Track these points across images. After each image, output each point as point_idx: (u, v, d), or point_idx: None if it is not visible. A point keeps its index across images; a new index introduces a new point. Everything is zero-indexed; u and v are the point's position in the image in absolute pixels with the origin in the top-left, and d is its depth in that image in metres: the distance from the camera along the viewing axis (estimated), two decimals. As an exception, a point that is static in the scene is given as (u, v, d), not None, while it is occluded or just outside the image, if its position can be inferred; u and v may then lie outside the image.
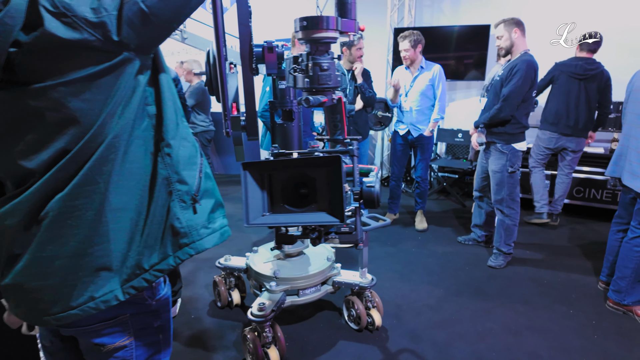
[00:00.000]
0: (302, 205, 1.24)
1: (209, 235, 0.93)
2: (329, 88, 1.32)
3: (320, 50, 1.31)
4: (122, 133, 0.80)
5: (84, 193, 0.79)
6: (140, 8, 0.73)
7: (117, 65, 0.76)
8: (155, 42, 0.83)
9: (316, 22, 1.26)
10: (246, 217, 1.16)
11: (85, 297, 0.84)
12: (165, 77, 0.89)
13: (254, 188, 1.18)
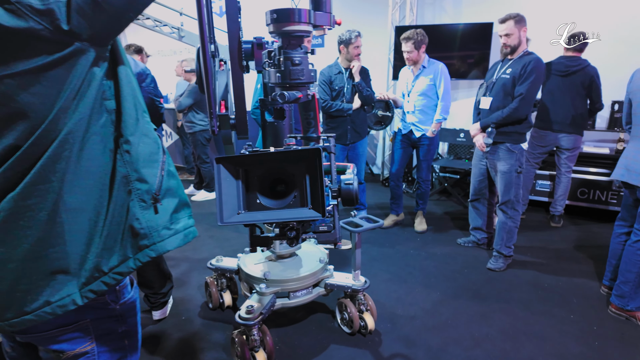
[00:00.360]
0: (278, 202, 1.20)
1: (171, 237, 0.88)
2: (301, 83, 1.27)
3: (292, 44, 1.26)
4: (77, 129, 0.76)
5: (36, 192, 0.75)
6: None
7: (68, 56, 0.71)
8: (111, 32, 0.78)
9: (287, 14, 1.22)
10: (220, 215, 1.11)
11: (41, 302, 0.79)
12: (124, 70, 0.84)
13: (228, 184, 1.14)
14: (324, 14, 1.25)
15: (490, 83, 2.87)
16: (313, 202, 1.14)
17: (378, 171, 5.80)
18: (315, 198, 1.13)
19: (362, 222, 2.14)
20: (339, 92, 3.37)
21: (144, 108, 0.90)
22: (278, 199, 1.19)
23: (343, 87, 3.37)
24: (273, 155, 1.20)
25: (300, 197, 1.17)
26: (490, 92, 2.84)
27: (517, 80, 2.70)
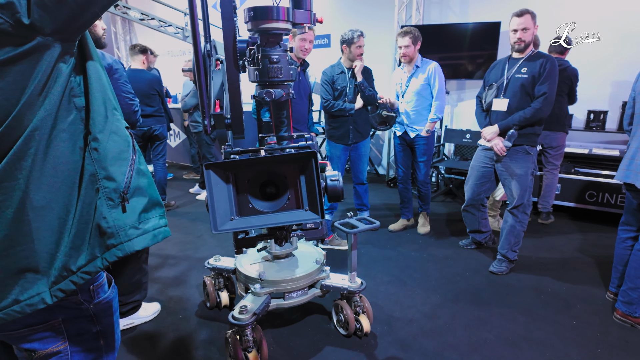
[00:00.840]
0: (270, 205, 1.17)
1: (139, 237, 0.87)
2: (280, 82, 1.25)
3: (271, 41, 1.24)
4: (42, 126, 0.75)
5: (2, 190, 0.75)
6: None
7: (30, 51, 0.70)
8: (75, 27, 0.76)
9: (265, 12, 1.20)
10: (213, 223, 1.08)
11: (9, 300, 0.79)
12: (93, 67, 0.84)
13: (219, 190, 1.10)
14: (304, 11, 1.23)
15: (501, 83, 2.79)
16: (310, 203, 1.12)
17: (383, 172, 5.75)
18: (312, 200, 1.12)
19: (358, 223, 2.11)
20: (342, 91, 3.35)
21: (115, 105, 0.89)
22: (269, 201, 1.17)
23: (345, 87, 3.35)
24: (266, 158, 1.17)
25: (295, 198, 1.14)
26: (505, 93, 2.76)
27: (536, 80, 2.63)
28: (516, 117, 2.69)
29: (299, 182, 1.14)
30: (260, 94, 1.23)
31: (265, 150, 1.36)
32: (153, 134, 4.01)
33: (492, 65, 2.95)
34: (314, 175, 1.11)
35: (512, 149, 2.78)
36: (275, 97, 1.22)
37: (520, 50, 2.70)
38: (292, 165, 1.14)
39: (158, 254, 3.26)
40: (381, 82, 5.24)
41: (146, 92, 3.84)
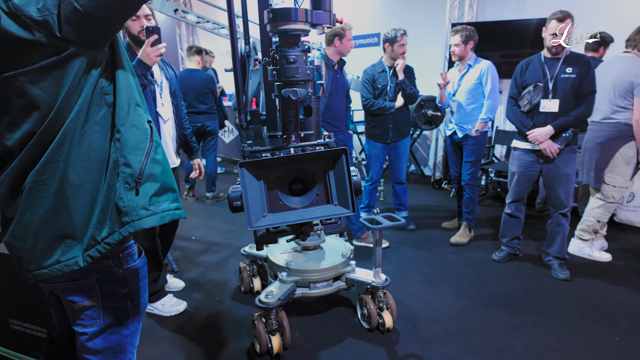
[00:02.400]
0: (300, 200, 1.19)
1: (148, 217, 1.00)
2: (297, 81, 1.32)
3: (289, 42, 1.31)
4: (77, 119, 0.91)
5: (48, 170, 0.92)
6: (75, 7, 0.82)
7: (66, 58, 0.87)
8: (100, 38, 0.91)
9: (283, 14, 1.27)
10: (248, 220, 1.09)
11: (53, 260, 0.96)
12: (121, 68, 0.99)
13: (252, 188, 1.12)
14: (323, 12, 1.29)
15: (546, 84, 2.67)
16: (339, 198, 1.15)
17: (430, 173, 5.64)
18: (342, 195, 1.14)
19: (382, 219, 2.15)
20: (382, 90, 3.37)
21: (138, 102, 1.03)
22: (297, 196, 1.18)
23: (386, 86, 3.36)
24: (298, 156, 1.18)
25: (324, 194, 1.16)
26: (554, 94, 2.65)
27: (583, 79, 2.57)
28: (571, 118, 2.60)
29: (328, 177, 1.16)
30: (286, 92, 1.28)
31: (293, 149, 1.42)
32: (206, 130, 4.30)
33: (524, 66, 2.81)
34: (344, 170, 1.13)
35: (564, 150, 2.67)
36: (301, 96, 1.29)
37: (557, 52, 2.60)
38: (322, 162, 1.17)
39: (204, 240, 3.51)
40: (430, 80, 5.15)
41: (200, 90, 4.13)
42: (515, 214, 2.98)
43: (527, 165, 2.83)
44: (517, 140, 2.87)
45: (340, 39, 3.01)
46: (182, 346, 2.11)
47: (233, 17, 1.64)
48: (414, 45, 4.93)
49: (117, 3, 0.85)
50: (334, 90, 3.07)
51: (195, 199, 4.67)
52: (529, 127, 2.77)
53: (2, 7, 0.80)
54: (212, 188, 4.53)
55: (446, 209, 4.29)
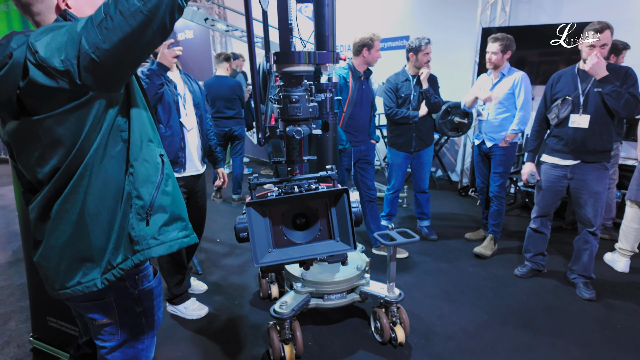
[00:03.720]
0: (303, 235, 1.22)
1: (157, 246, 1.08)
2: (299, 119, 1.36)
3: (292, 82, 1.36)
4: (95, 155, 1.01)
5: (70, 200, 1.02)
6: (92, 58, 0.90)
7: (86, 101, 0.96)
8: (115, 83, 1.00)
9: (286, 56, 1.32)
10: (254, 256, 1.12)
11: (75, 281, 1.07)
12: (135, 106, 1.07)
13: (258, 224, 1.16)
14: (326, 53, 1.33)
15: (577, 98, 2.57)
16: (341, 234, 1.19)
17: (457, 178, 5.54)
18: (344, 230, 1.18)
19: (397, 235, 2.16)
20: (405, 99, 3.36)
21: (151, 137, 1.11)
22: (301, 231, 1.22)
23: (410, 95, 3.35)
24: (301, 196, 1.22)
25: (327, 229, 1.20)
26: (585, 109, 2.56)
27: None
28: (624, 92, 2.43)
29: (330, 214, 1.20)
30: (290, 131, 1.34)
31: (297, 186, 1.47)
32: (233, 134, 4.44)
33: (555, 79, 2.72)
34: (345, 208, 1.17)
35: (592, 166, 2.59)
36: (304, 134, 1.34)
37: None
38: (324, 199, 1.21)
39: (228, 243, 3.64)
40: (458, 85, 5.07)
41: (229, 96, 4.27)
42: (541, 229, 2.90)
43: (554, 180, 2.75)
44: (546, 154, 2.79)
45: (368, 49, 3.01)
46: (200, 349, 2.22)
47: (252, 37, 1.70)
48: (443, 49, 4.86)
49: (128, 52, 0.93)
50: (359, 101, 3.08)
51: (222, 200, 4.82)
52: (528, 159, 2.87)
53: (30, 60, 0.90)
54: (238, 190, 4.67)
55: (471, 219, 4.22)
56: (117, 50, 0.91)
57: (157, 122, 2.23)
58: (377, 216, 3.34)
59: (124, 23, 0.89)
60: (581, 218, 2.71)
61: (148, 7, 0.89)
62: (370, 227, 3.34)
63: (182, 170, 2.36)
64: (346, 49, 6.09)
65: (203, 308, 2.56)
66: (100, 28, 0.89)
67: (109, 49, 0.90)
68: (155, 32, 0.93)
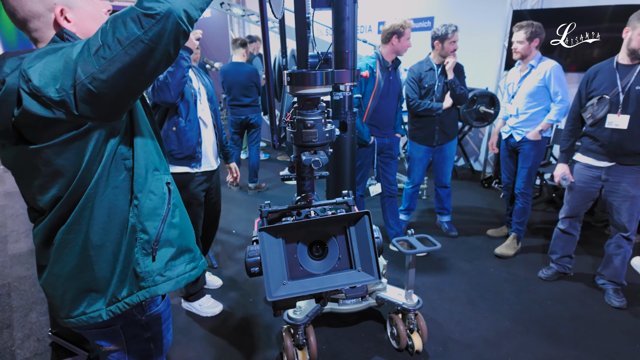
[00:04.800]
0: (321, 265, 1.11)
1: (163, 283, 1.03)
2: (314, 145, 1.24)
3: (308, 105, 1.23)
4: (97, 186, 0.95)
5: (73, 230, 0.97)
6: (89, 89, 0.82)
7: (85, 132, 0.89)
8: (115, 114, 0.92)
9: (301, 79, 1.18)
10: (267, 288, 1.00)
11: (79, 311, 1.03)
12: (140, 134, 1.00)
13: (272, 253, 1.04)
14: (346, 71, 1.21)
15: (615, 96, 2.36)
16: (362, 263, 1.07)
17: (480, 168, 5.35)
18: (366, 259, 1.07)
19: (417, 243, 2.07)
20: (429, 90, 3.18)
21: (157, 166, 1.04)
22: (317, 260, 1.10)
23: (434, 85, 3.17)
24: (319, 221, 1.10)
25: (347, 258, 1.08)
26: (623, 108, 2.36)
27: None
28: None
29: (350, 240, 1.08)
30: (307, 161, 1.19)
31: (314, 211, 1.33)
32: (249, 122, 4.36)
33: (591, 75, 2.50)
34: (367, 234, 1.06)
35: (629, 168, 2.41)
36: (323, 164, 1.22)
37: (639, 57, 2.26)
38: (343, 224, 1.10)
39: (244, 235, 3.62)
40: (486, 70, 4.81)
41: (245, 84, 4.16)
42: (569, 230, 2.75)
43: (587, 181, 2.58)
44: (580, 153, 2.61)
45: (398, 37, 2.82)
46: (214, 349, 2.22)
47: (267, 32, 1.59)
48: (470, 33, 4.60)
49: (129, 83, 0.85)
50: (385, 93, 2.92)
51: (238, 188, 4.80)
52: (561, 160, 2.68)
53: (24, 88, 0.83)
54: (255, 179, 4.62)
55: (494, 213, 4.07)
56: (116, 82, 0.83)
57: (178, 115, 2.16)
58: (396, 212, 3.24)
59: (123, 53, 0.80)
60: (615, 222, 2.55)
61: (149, 36, 0.79)
62: (388, 223, 3.25)
63: (198, 165, 2.31)
64: (366, 29, 5.85)
65: (218, 305, 2.55)
66: (97, 57, 0.81)
67: (107, 79, 0.83)
68: (159, 61, 0.84)
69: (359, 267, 1.07)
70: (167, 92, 2.05)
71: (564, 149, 2.64)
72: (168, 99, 2.06)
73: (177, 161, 2.22)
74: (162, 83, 2.03)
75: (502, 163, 3.33)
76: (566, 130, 2.63)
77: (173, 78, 2.04)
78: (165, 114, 2.17)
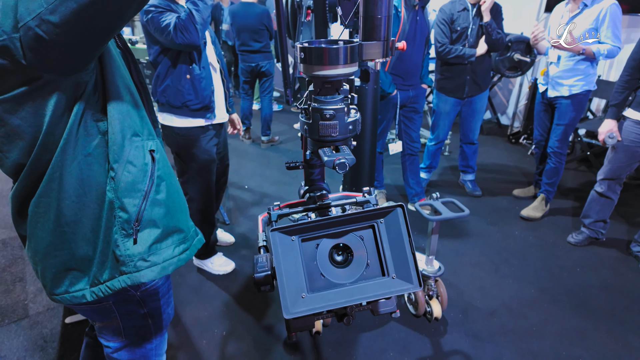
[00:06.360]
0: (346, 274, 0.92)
1: (147, 269, 0.88)
2: (333, 140, 0.96)
3: (327, 89, 0.94)
4: (63, 153, 0.78)
5: (42, 203, 0.82)
6: (37, 34, 0.63)
7: (40, 87, 0.70)
8: (75, 66, 0.73)
9: (319, 56, 0.88)
10: (284, 303, 0.83)
11: (62, 289, 0.90)
12: (114, 90, 0.80)
13: (287, 260, 0.87)
14: (376, 43, 0.90)
15: None
16: (397, 269, 0.90)
17: (507, 122, 5.01)
18: (402, 264, 0.89)
19: (442, 208, 1.88)
20: (461, 33, 2.84)
21: (136, 130, 0.85)
22: (342, 267, 0.93)
23: (467, 28, 2.82)
24: (343, 220, 0.91)
25: (378, 263, 0.92)
26: None
27: None
28: None
29: (381, 242, 0.91)
30: (330, 162, 0.90)
31: (333, 207, 1.14)
32: (260, 71, 4.07)
33: None
34: (402, 232, 0.89)
35: None
36: (351, 165, 0.92)
37: None
38: (372, 222, 0.92)
39: (257, 191, 3.49)
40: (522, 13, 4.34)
41: (255, 27, 3.82)
42: (608, 193, 2.52)
43: (637, 140, 2.31)
44: (632, 109, 2.31)
45: None
46: (226, 309, 2.16)
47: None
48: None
49: (89, 28, 0.65)
50: (411, 36, 2.58)
51: (251, 141, 4.61)
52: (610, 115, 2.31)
53: None
54: (267, 132, 4.42)
55: (521, 171, 3.82)
56: (72, 27, 0.64)
57: (192, 61, 1.94)
58: (417, 170, 3.04)
59: None
60: None
61: None
62: (408, 182, 3.06)
63: (213, 117, 2.11)
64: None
65: (229, 264, 2.48)
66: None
67: (59, 23, 0.63)
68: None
69: (393, 274, 0.88)
70: (194, 32, 1.79)
71: (616, 102, 2.33)
72: (195, 41, 1.81)
73: (193, 112, 2.03)
74: (186, 21, 1.77)
75: (536, 118, 3.03)
76: (621, 81, 2.30)
77: (199, 15, 1.79)
78: (174, 61, 1.93)
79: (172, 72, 1.94)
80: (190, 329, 2.03)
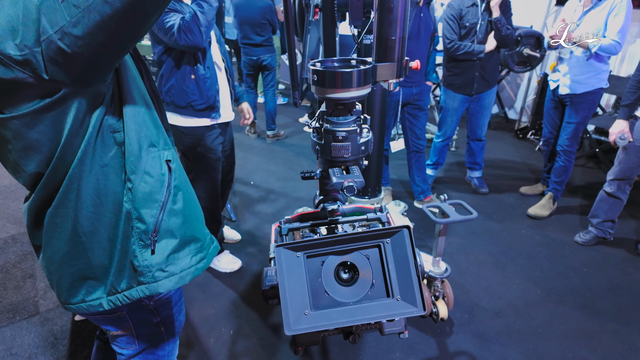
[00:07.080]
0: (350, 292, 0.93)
1: (165, 279, 0.89)
2: (345, 161, 0.96)
3: (339, 110, 0.94)
4: (81, 164, 0.79)
5: (59, 214, 0.83)
6: (59, 47, 0.63)
7: (60, 100, 0.71)
8: (95, 77, 0.73)
9: (332, 79, 0.87)
10: (286, 319, 0.85)
11: (79, 298, 0.92)
12: (130, 102, 0.80)
13: (292, 276, 0.88)
14: (390, 64, 0.89)
15: None
16: (402, 291, 0.90)
17: (514, 117, 4.96)
18: (407, 286, 0.89)
19: (450, 210, 1.88)
20: (470, 29, 2.80)
21: (152, 141, 0.85)
22: (346, 285, 0.94)
23: (476, 24, 2.78)
24: (349, 238, 0.91)
25: (383, 284, 0.92)
26: None
27: None
28: None
29: (386, 262, 0.91)
30: (338, 185, 0.92)
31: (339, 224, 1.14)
32: (262, 64, 4.06)
33: None
34: (407, 253, 0.89)
35: None
36: (359, 188, 0.93)
37: None
38: (378, 241, 0.92)
39: (263, 187, 3.49)
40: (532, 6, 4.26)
41: (257, 20, 3.79)
42: (617, 194, 2.50)
43: (642, 137, 2.28)
44: None
45: None
46: (233, 307, 2.18)
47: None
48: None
49: (110, 39, 0.64)
50: (415, 32, 2.55)
51: (256, 135, 4.61)
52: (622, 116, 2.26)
53: None
54: (272, 126, 4.40)
55: (529, 168, 3.79)
56: (95, 39, 0.64)
57: (196, 61, 1.93)
58: (424, 167, 3.02)
59: (101, 1, 0.60)
60: None
61: None
62: (414, 180, 3.05)
63: (218, 116, 2.11)
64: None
65: (236, 262, 2.49)
66: (67, 4, 0.61)
67: (82, 36, 0.63)
68: (150, 11, 0.63)
69: (397, 296, 0.88)
70: (197, 34, 1.77)
71: (628, 102, 2.29)
72: (199, 43, 1.80)
73: (198, 112, 2.02)
74: (190, 23, 1.75)
75: (546, 115, 2.99)
76: (634, 80, 2.26)
77: (204, 17, 1.77)
78: (178, 61, 1.92)
79: (176, 72, 1.93)
80: (199, 327, 2.05)
